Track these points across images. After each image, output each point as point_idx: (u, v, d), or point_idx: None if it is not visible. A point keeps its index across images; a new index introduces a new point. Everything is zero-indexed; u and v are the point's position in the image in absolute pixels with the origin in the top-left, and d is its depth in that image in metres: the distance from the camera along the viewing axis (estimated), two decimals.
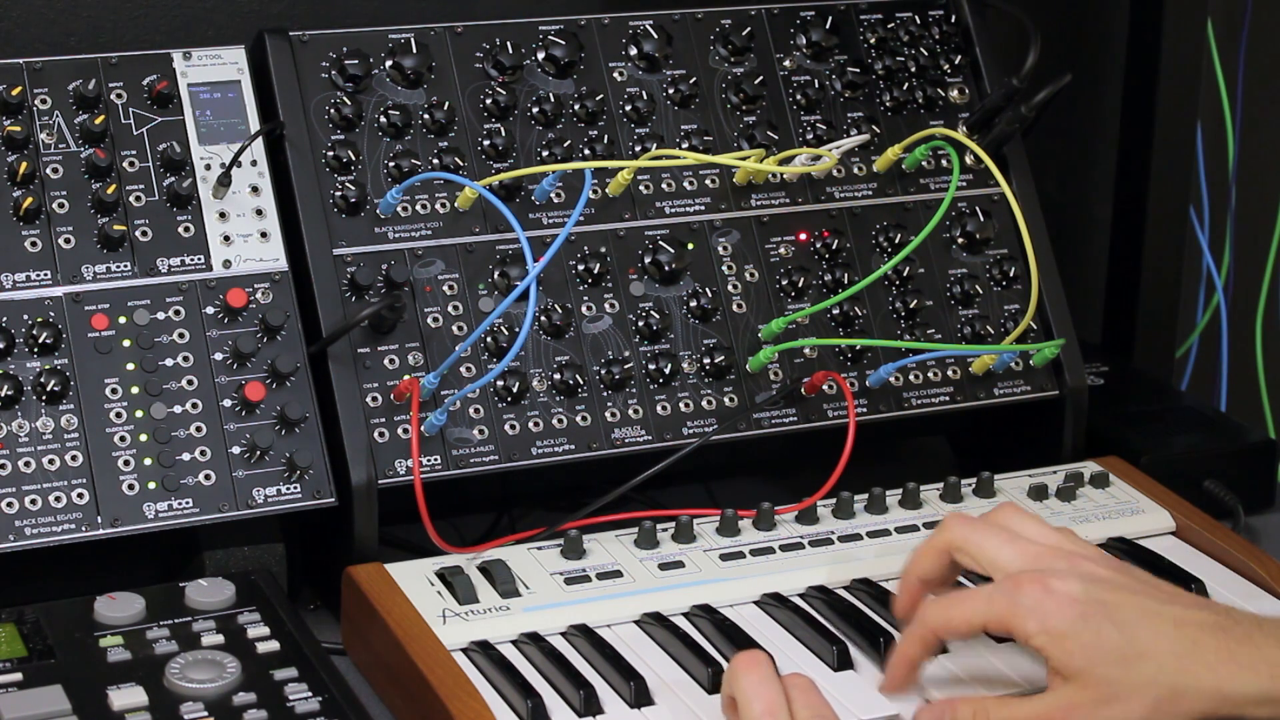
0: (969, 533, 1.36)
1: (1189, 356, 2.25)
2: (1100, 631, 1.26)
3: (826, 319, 1.69)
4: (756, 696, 1.25)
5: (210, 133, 1.58)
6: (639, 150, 1.67)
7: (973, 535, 1.35)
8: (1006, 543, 1.34)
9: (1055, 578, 1.29)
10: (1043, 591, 1.28)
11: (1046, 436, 1.75)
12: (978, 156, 1.73)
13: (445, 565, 1.49)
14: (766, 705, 1.24)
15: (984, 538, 1.35)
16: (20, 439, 1.48)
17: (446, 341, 1.59)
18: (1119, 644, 1.26)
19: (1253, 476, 1.76)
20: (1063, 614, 1.27)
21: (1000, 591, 1.30)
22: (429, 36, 1.65)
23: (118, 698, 1.32)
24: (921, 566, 1.39)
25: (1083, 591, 1.28)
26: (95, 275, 1.53)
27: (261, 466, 1.52)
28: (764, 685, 1.25)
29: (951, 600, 1.32)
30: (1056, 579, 1.29)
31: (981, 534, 1.35)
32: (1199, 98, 2.09)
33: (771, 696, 1.24)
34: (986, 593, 1.31)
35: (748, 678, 1.26)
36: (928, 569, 1.39)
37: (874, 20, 1.78)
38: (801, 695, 1.26)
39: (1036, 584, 1.29)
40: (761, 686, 1.25)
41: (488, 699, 1.34)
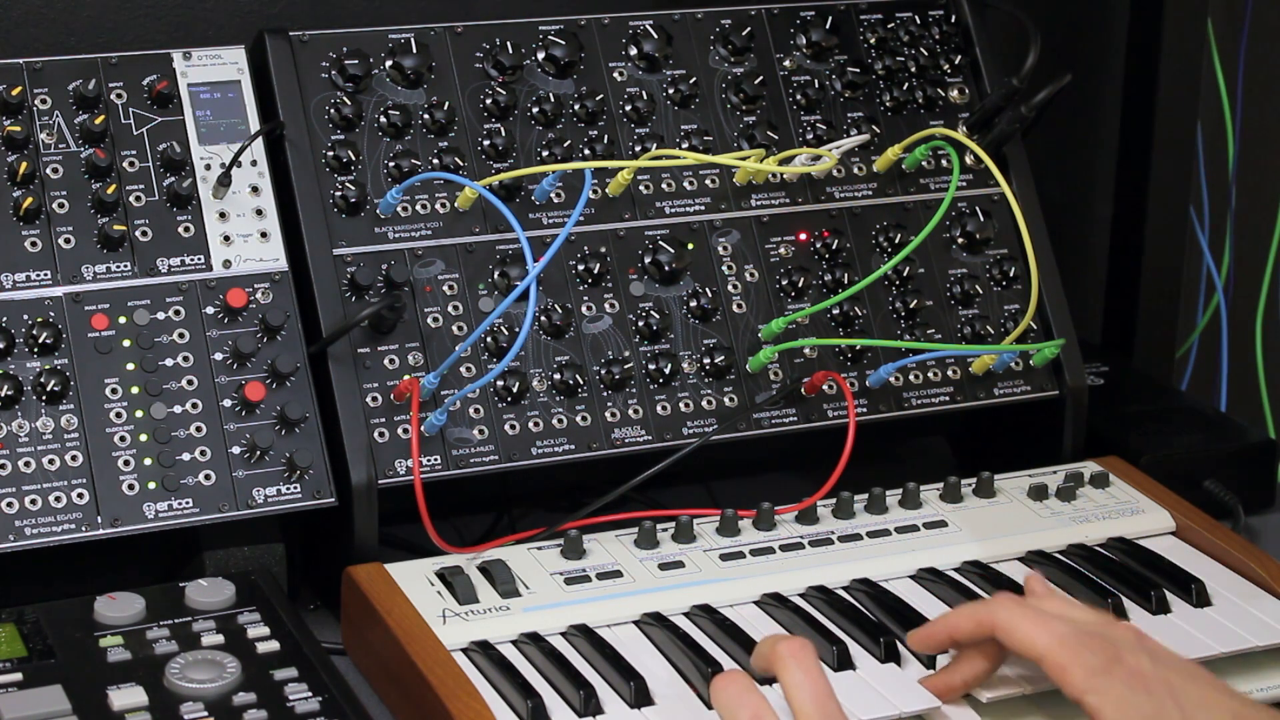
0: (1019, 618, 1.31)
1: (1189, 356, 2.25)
2: (1162, 707, 1.24)
3: (826, 319, 1.69)
4: (741, 706, 1.25)
5: (210, 133, 1.58)
6: (639, 150, 1.67)
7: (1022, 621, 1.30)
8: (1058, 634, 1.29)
9: (1126, 650, 1.27)
10: (1111, 656, 1.26)
11: (1046, 436, 1.75)
12: (978, 156, 1.73)
13: (445, 565, 1.49)
14: (752, 714, 1.24)
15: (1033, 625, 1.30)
16: (20, 439, 1.48)
17: (446, 341, 1.59)
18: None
19: (1253, 476, 1.76)
20: (1126, 683, 1.25)
21: (1074, 638, 1.27)
22: (429, 36, 1.65)
23: (118, 698, 1.32)
24: (959, 629, 1.35)
25: (1150, 668, 1.26)
26: (95, 275, 1.53)
27: (261, 466, 1.52)
28: (745, 694, 1.25)
29: (1028, 612, 1.30)
30: (1128, 652, 1.27)
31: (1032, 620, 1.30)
32: (1199, 98, 2.09)
33: (755, 703, 1.25)
34: (1061, 631, 1.28)
35: (726, 692, 1.26)
36: (964, 634, 1.35)
37: (874, 20, 1.78)
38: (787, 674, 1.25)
39: (1107, 647, 1.27)
40: (742, 696, 1.25)
41: (488, 699, 1.34)
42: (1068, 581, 1.52)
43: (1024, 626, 1.29)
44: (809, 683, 1.25)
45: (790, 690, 1.25)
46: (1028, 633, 1.29)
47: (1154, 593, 1.50)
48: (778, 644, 1.27)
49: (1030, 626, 1.29)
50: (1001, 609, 1.31)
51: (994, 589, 1.50)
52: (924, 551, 1.55)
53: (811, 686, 1.24)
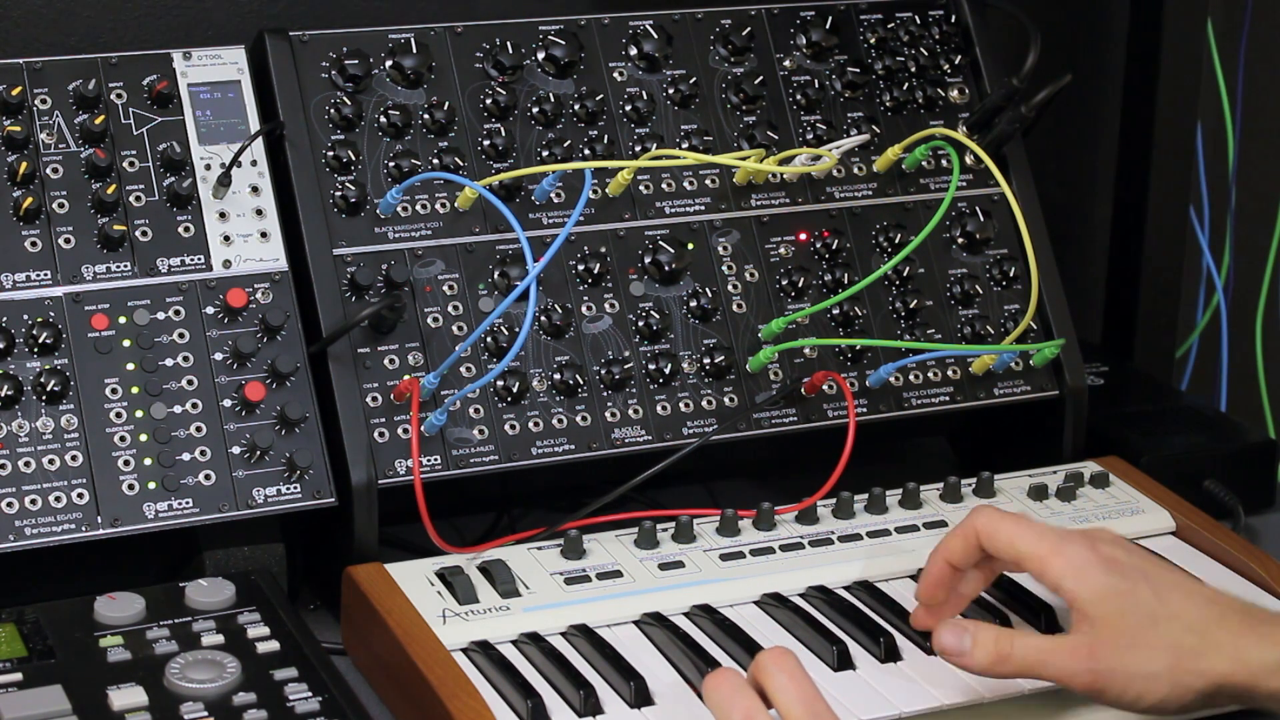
0: (999, 519, 1.38)
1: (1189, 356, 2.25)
2: (1136, 589, 1.32)
3: (826, 319, 1.69)
4: (733, 706, 1.25)
5: (210, 133, 1.58)
6: (639, 150, 1.67)
7: (1003, 522, 1.37)
8: (1038, 530, 1.37)
9: (1102, 542, 1.35)
10: (1088, 548, 1.34)
11: (1046, 436, 1.75)
12: (978, 156, 1.73)
13: (445, 565, 1.49)
14: (744, 713, 1.25)
15: (1014, 524, 1.37)
16: (20, 439, 1.48)
17: (446, 341, 1.59)
18: (1151, 603, 1.32)
19: (1253, 476, 1.76)
20: (1101, 568, 1.33)
21: (1052, 535, 1.35)
22: (429, 36, 1.65)
23: (118, 698, 1.32)
24: (950, 549, 1.40)
25: (1125, 558, 1.35)
26: (95, 275, 1.53)
27: (261, 466, 1.52)
28: (737, 694, 1.26)
29: (1006, 515, 1.37)
30: (1103, 544, 1.35)
31: (1012, 521, 1.38)
32: (1199, 98, 2.09)
33: (747, 704, 1.25)
34: (1040, 529, 1.36)
35: (719, 692, 1.27)
36: (956, 552, 1.40)
37: (874, 20, 1.78)
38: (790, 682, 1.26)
39: (1084, 540, 1.35)
40: (734, 695, 1.26)
41: (488, 699, 1.34)
42: None
43: (1005, 527, 1.37)
44: (794, 685, 1.25)
45: (776, 695, 1.25)
46: (1009, 532, 1.36)
47: None
48: (759, 655, 1.29)
49: (1011, 526, 1.36)
50: (981, 516, 1.38)
51: (994, 589, 1.50)
52: (924, 552, 1.55)
53: (796, 689, 1.25)
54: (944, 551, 1.40)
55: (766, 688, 1.27)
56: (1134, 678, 1.31)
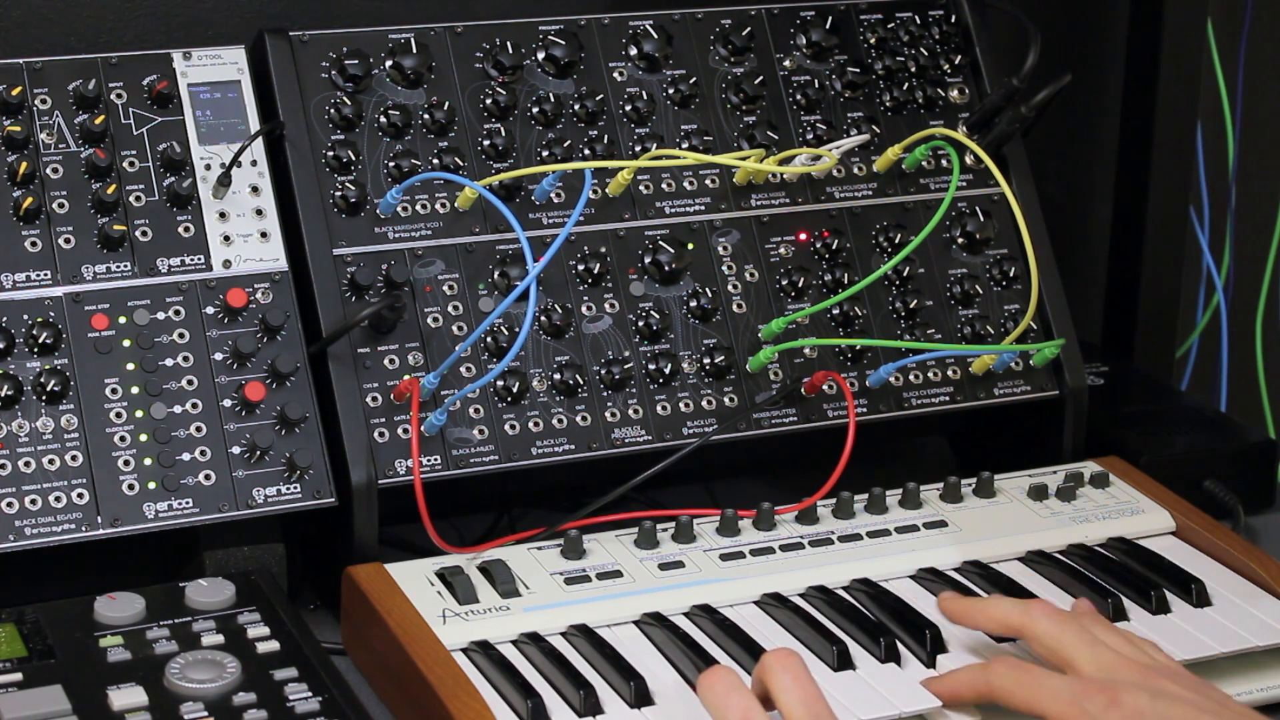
0: (1049, 624, 1.35)
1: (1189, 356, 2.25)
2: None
3: (826, 319, 1.69)
4: (730, 706, 1.25)
5: (210, 133, 1.58)
6: (639, 150, 1.67)
7: (1053, 627, 1.35)
8: (1087, 644, 1.33)
9: (1125, 691, 1.28)
10: (1109, 702, 1.27)
11: (1046, 436, 1.75)
12: (978, 156, 1.73)
13: (445, 565, 1.49)
14: (741, 713, 1.25)
15: (1064, 632, 1.34)
16: (20, 439, 1.48)
17: (446, 341, 1.59)
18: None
19: (1253, 476, 1.76)
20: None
21: (1069, 692, 1.29)
22: (429, 36, 1.65)
23: (118, 698, 1.32)
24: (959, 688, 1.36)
25: (1149, 707, 1.27)
26: (95, 275, 1.53)
27: (261, 466, 1.52)
28: (733, 693, 1.26)
29: (1024, 677, 1.31)
30: (1126, 692, 1.28)
31: (1062, 628, 1.35)
32: (1199, 98, 2.09)
33: (744, 703, 1.25)
34: (1057, 687, 1.29)
35: (714, 690, 1.27)
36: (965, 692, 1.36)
37: (874, 20, 1.78)
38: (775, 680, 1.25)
39: (1105, 693, 1.28)
40: (731, 694, 1.26)
41: (488, 699, 1.34)
42: (1068, 581, 1.52)
43: (1020, 693, 1.31)
44: (797, 687, 1.25)
45: (779, 696, 1.26)
46: (1026, 698, 1.30)
47: (1154, 593, 1.50)
48: (764, 656, 1.28)
49: (1027, 692, 1.31)
50: (998, 676, 1.33)
51: (994, 589, 1.50)
52: (924, 551, 1.55)
53: (800, 691, 1.25)
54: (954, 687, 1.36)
55: (770, 687, 1.27)
56: None
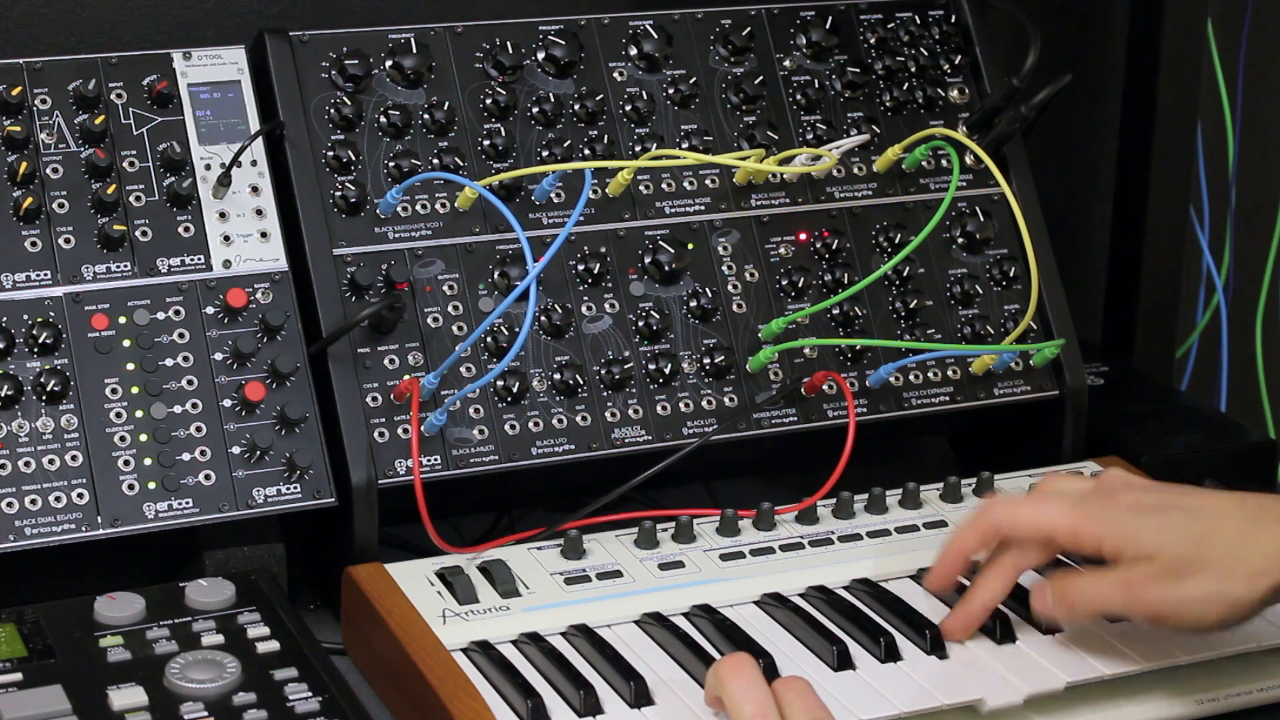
0: (1014, 508, 1.40)
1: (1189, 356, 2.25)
2: (1169, 517, 1.35)
3: (826, 319, 1.69)
4: (746, 700, 1.25)
5: (210, 133, 1.58)
6: (639, 150, 1.67)
7: (1020, 509, 1.40)
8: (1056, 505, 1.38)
9: (1120, 492, 1.38)
10: (1109, 500, 1.36)
11: (1046, 436, 1.75)
12: (978, 156, 1.73)
13: (445, 565, 1.49)
14: (757, 708, 1.24)
15: (1032, 507, 1.39)
16: (20, 439, 1.48)
17: (446, 341, 1.59)
18: (1188, 525, 1.34)
19: (1253, 476, 1.76)
20: (1128, 511, 1.36)
21: (1069, 505, 1.37)
22: (429, 36, 1.65)
23: (118, 698, 1.32)
24: (966, 543, 1.42)
25: (1146, 496, 1.37)
26: (95, 275, 1.53)
27: (261, 466, 1.52)
28: (752, 687, 1.25)
29: (1021, 499, 1.39)
30: (1121, 492, 1.38)
31: (1028, 504, 1.40)
32: (1199, 98, 2.09)
33: (761, 698, 1.25)
34: (1058, 505, 1.37)
35: (736, 681, 1.26)
36: (973, 546, 1.42)
37: (874, 20, 1.78)
38: (799, 699, 1.25)
39: (1103, 496, 1.37)
40: (750, 689, 1.25)
41: (488, 699, 1.34)
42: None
43: (1025, 513, 1.38)
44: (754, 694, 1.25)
45: (733, 709, 1.25)
46: (1030, 517, 1.38)
47: None
48: (716, 665, 1.29)
49: (1030, 510, 1.38)
50: (996, 509, 1.40)
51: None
52: (924, 551, 1.55)
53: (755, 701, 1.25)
54: (960, 549, 1.43)
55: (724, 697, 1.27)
56: (1188, 603, 1.33)
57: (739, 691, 1.25)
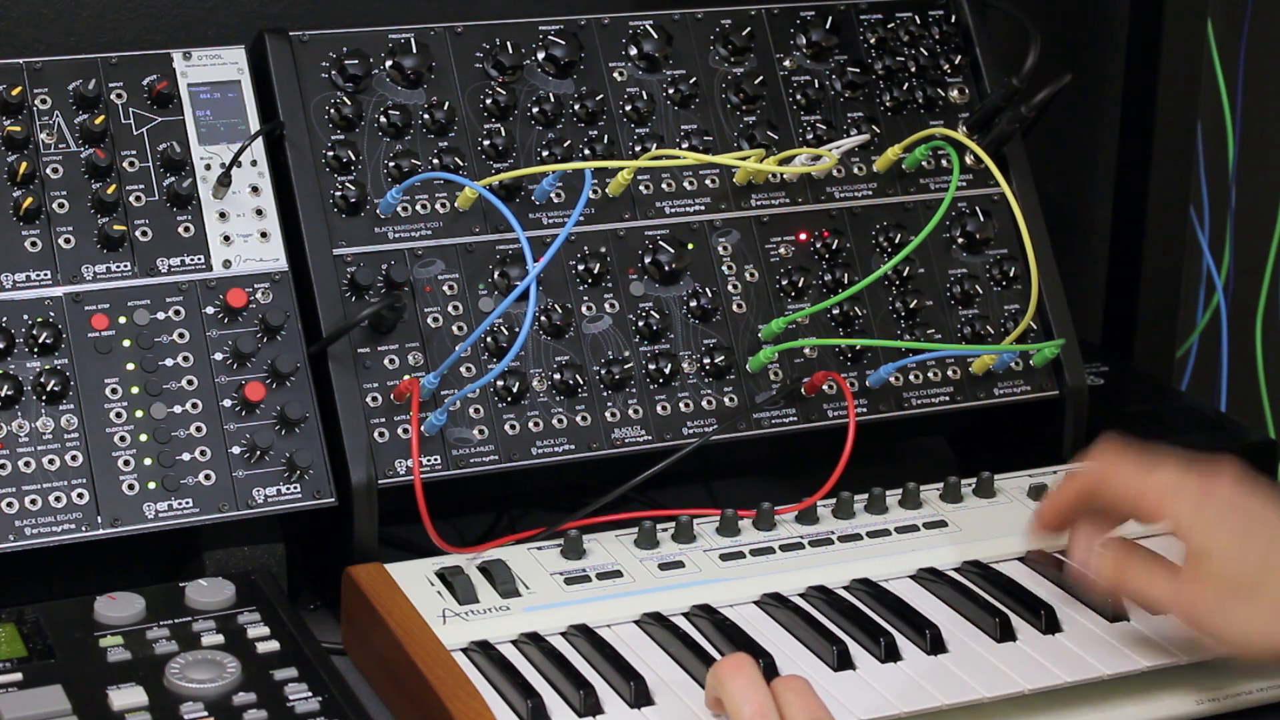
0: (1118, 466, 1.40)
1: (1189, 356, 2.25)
2: (1249, 533, 1.33)
3: (826, 319, 1.69)
4: (746, 700, 1.25)
5: (210, 133, 1.58)
6: (639, 150, 1.67)
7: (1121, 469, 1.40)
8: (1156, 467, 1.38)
9: (1216, 483, 1.36)
10: (1203, 487, 1.36)
11: (1046, 436, 1.75)
12: (978, 156, 1.73)
13: (445, 565, 1.49)
14: (756, 708, 1.24)
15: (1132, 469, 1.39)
16: (20, 439, 1.48)
17: (446, 341, 1.59)
18: (1262, 551, 1.33)
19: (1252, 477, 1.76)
20: (1219, 509, 1.34)
21: (1165, 475, 1.37)
22: (429, 36, 1.65)
23: (118, 698, 1.32)
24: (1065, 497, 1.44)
25: (1240, 500, 1.36)
26: (95, 275, 1.53)
27: (261, 466, 1.52)
28: (752, 688, 1.25)
29: (1121, 459, 1.39)
30: (1217, 484, 1.36)
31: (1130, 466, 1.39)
32: (1199, 98, 2.09)
33: (760, 699, 1.25)
34: (1156, 473, 1.37)
35: (735, 682, 1.26)
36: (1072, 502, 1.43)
37: (874, 20, 1.78)
38: (797, 698, 1.25)
39: (1199, 479, 1.36)
40: (750, 689, 1.25)
41: (488, 699, 1.34)
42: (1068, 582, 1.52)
43: (1121, 473, 1.39)
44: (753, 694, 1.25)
45: (732, 710, 1.25)
46: (1126, 478, 1.38)
47: None
48: (714, 666, 1.29)
49: (1127, 472, 1.38)
50: (1098, 464, 1.40)
51: (994, 589, 1.50)
52: (924, 551, 1.55)
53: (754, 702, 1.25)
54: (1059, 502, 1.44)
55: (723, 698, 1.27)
56: (1235, 628, 1.33)
57: (738, 692, 1.25)
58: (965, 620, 1.47)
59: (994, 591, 1.50)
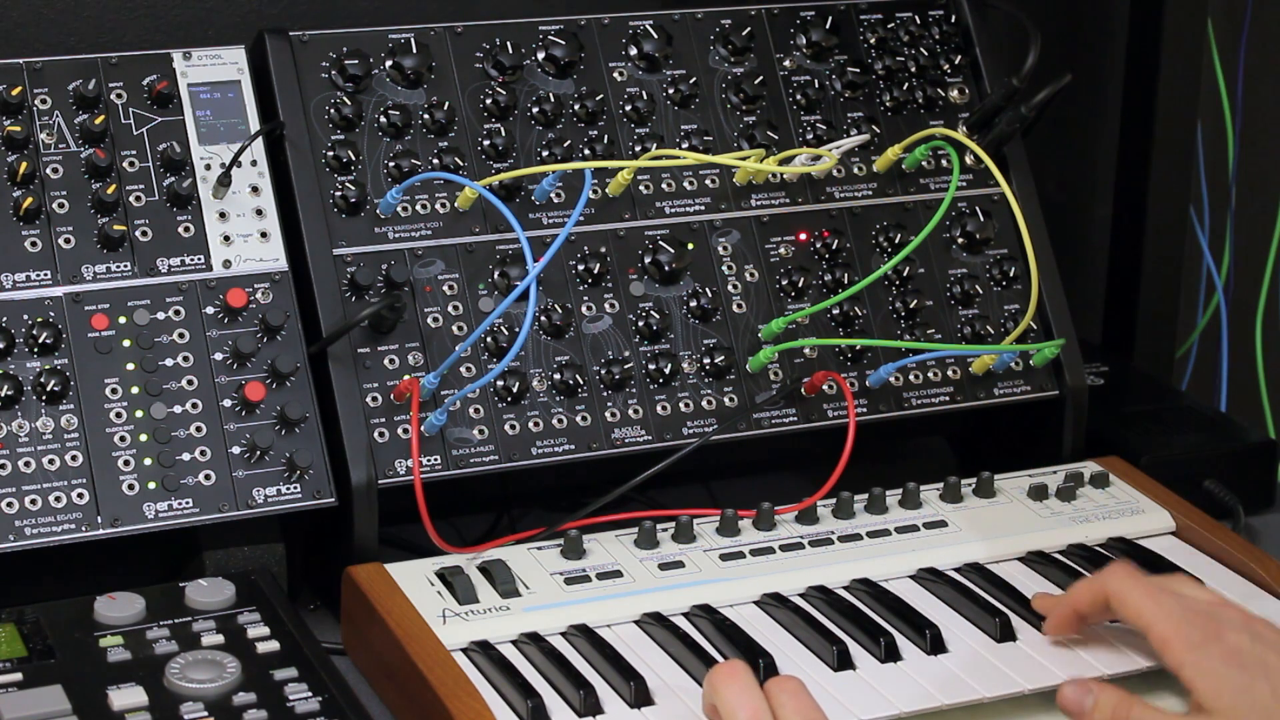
0: (1131, 587, 1.37)
1: (1189, 356, 2.25)
2: (1254, 685, 1.29)
3: (826, 319, 1.69)
4: (740, 705, 1.25)
5: (210, 133, 1.58)
6: (639, 150, 1.67)
7: (1134, 591, 1.37)
8: (1166, 608, 1.35)
9: (1228, 627, 1.33)
10: (1213, 633, 1.32)
11: (1046, 436, 1.75)
12: (978, 156, 1.73)
13: (445, 565, 1.49)
14: (750, 714, 1.24)
15: (1144, 596, 1.37)
16: (20, 439, 1.48)
17: (446, 341, 1.59)
18: (1268, 703, 1.28)
19: (1253, 476, 1.76)
20: (1222, 658, 1.30)
21: (1179, 612, 1.33)
22: (429, 36, 1.65)
23: (118, 698, 1.32)
24: (1079, 598, 1.42)
25: (1249, 647, 1.31)
26: (95, 275, 1.53)
27: (261, 466, 1.52)
28: (745, 694, 1.25)
29: (1142, 581, 1.36)
30: (1229, 629, 1.33)
31: (1144, 592, 1.37)
32: (1199, 98, 2.09)
33: (754, 705, 1.25)
34: (1170, 604, 1.34)
35: (729, 688, 1.26)
36: (1084, 603, 1.42)
37: (874, 20, 1.78)
38: (791, 699, 1.25)
39: (1210, 624, 1.32)
40: (743, 695, 1.25)
41: (488, 699, 1.34)
42: (1068, 582, 1.52)
43: (1135, 596, 1.36)
44: (747, 699, 1.25)
45: (727, 715, 1.25)
46: (1138, 603, 1.36)
47: None
48: (709, 674, 1.29)
49: (1141, 597, 1.36)
50: (1115, 579, 1.38)
51: (994, 589, 1.50)
52: (924, 551, 1.55)
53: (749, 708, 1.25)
54: (1073, 599, 1.42)
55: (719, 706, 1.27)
56: None
57: (732, 698, 1.26)
58: (965, 620, 1.47)
59: (994, 591, 1.50)
